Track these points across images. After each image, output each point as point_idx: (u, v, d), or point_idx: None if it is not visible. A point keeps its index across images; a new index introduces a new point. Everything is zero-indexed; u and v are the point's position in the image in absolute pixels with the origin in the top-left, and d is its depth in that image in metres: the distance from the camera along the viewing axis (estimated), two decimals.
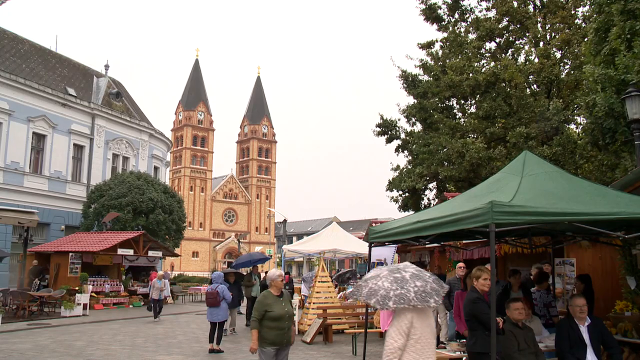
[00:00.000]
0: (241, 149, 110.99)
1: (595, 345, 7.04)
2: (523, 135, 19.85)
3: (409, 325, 5.06)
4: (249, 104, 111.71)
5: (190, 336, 16.43)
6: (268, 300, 7.35)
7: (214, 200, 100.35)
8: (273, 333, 7.19)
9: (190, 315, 24.11)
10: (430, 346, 5.16)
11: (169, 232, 34.21)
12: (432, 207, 11.64)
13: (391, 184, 24.52)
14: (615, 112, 13.32)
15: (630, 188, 8.49)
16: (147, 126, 42.00)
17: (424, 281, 5.18)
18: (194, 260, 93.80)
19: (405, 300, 4.98)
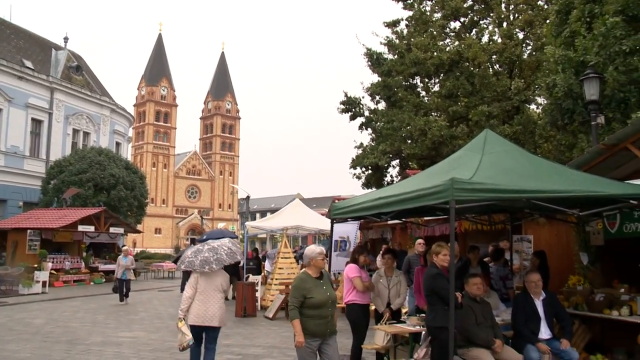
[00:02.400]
0: (205, 125, 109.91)
1: (548, 318, 7.28)
2: (485, 114, 20.13)
3: (196, 282, 7.49)
4: (213, 80, 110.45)
5: (152, 312, 16.37)
6: (307, 284, 6.10)
7: (177, 177, 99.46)
8: (313, 322, 5.99)
9: (153, 292, 24.03)
10: (212, 298, 7.50)
11: (130, 209, 33.83)
12: (394, 184, 11.77)
13: (355, 161, 24.66)
14: (574, 93, 13.59)
15: (585, 167, 8.70)
16: (108, 101, 41.21)
17: (215, 253, 7.59)
18: (156, 237, 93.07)
19: (191, 265, 7.52)
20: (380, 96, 24.99)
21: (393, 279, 8.17)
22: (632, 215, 8.72)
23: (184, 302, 7.41)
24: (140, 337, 11.89)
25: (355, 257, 8.24)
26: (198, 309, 7.40)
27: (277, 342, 11.16)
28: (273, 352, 10.16)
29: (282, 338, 11.67)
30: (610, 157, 8.73)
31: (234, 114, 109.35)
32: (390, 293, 8.10)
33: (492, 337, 6.72)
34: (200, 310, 7.39)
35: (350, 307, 7.95)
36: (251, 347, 10.60)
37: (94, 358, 9.61)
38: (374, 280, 8.08)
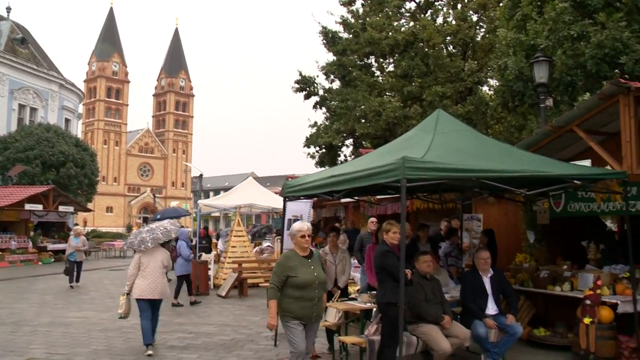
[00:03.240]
0: (158, 102, 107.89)
1: (495, 294, 7.48)
2: (439, 95, 20.33)
3: (138, 260, 8.28)
4: (167, 57, 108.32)
5: (103, 292, 16.13)
6: (291, 262, 5.70)
7: (129, 155, 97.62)
8: (298, 305, 5.62)
9: (104, 272, 23.67)
10: (154, 273, 8.25)
11: (81, 187, 33.12)
12: (346, 163, 11.82)
13: (308, 140, 24.66)
14: (524, 75, 13.85)
15: (534, 148, 8.91)
16: (56, 76, 40.00)
17: (151, 233, 8.42)
18: (108, 216, 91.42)
19: (132, 245, 8.55)
20: (334, 75, 24.97)
21: (338, 255, 8.26)
22: (576, 195, 8.99)
23: (129, 279, 8.31)
24: (91, 317, 11.71)
25: None
26: (141, 284, 8.22)
27: (230, 320, 11.16)
28: (225, 329, 10.16)
29: (235, 316, 11.68)
30: (557, 139, 8.96)
31: (187, 91, 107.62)
32: (337, 269, 8.17)
33: (441, 313, 6.86)
34: (143, 285, 8.21)
35: None
36: (204, 326, 10.58)
37: (41, 339, 9.39)
38: (320, 256, 8.14)
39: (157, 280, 8.34)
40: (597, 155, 8.19)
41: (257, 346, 8.81)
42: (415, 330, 6.78)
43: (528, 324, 8.67)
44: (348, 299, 7.95)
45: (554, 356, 7.89)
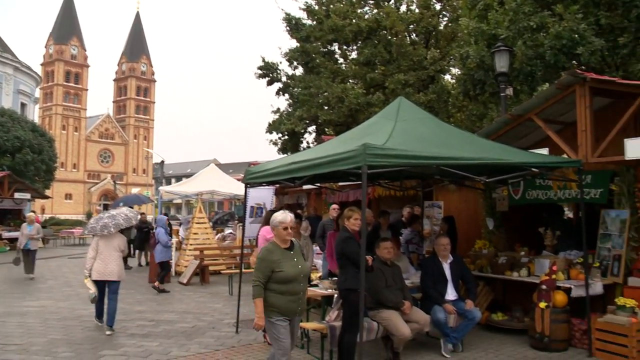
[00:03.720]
0: (118, 87, 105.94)
1: (455, 280, 7.61)
2: (401, 83, 20.42)
3: (96, 245, 8.85)
4: (127, 41, 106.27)
5: (62, 280, 15.83)
6: (274, 256, 5.34)
7: (89, 141, 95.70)
8: (283, 300, 5.29)
9: (62, 259, 23.19)
10: (111, 257, 8.84)
11: (38, 173, 32.39)
12: (308, 149, 11.81)
13: (271, 126, 24.55)
14: (485, 64, 14.01)
15: (493, 136, 9.05)
16: (11, 58, 38.90)
17: (113, 219, 9.02)
18: (67, 203, 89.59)
19: (94, 230, 9.00)
20: (298, 62, 24.87)
21: (301, 242, 8.22)
22: (534, 183, 9.17)
23: (87, 262, 8.88)
24: (48, 306, 11.48)
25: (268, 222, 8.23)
26: (99, 266, 8.80)
27: (191, 308, 11.09)
28: (187, 317, 10.09)
29: (196, 303, 11.61)
30: (516, 127, 9.12)
31: (149, 76, 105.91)
32: None
33: (402, 299, 6.95)
34: (100, 268, 8.79)
35: None
36: (165, 313, 10.49)
37: None
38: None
39: (114, 263, 8.90)
40: (554, 144, 8.36)
41: (218, 333, 8.79)
42: (376, 316, 6.85)
43: (486, 309, 8.84)
44: (310, 286, 7.97)
45: (511, 340, 8.06)
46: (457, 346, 7.45)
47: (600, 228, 8.26)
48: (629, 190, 7.88)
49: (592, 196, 8.39)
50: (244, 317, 9.55)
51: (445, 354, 7.24)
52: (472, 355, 7.30)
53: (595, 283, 7.66)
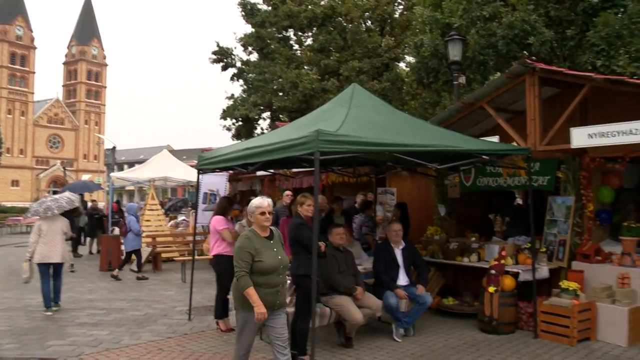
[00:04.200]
0: (68, 71, 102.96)
1: (407, 265, 7.71)
2: (355, 69, 20.49)
3: (39, 228, 9.09)
4: (78, 23, 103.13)
5: (8, 270, 15.43)
6: (255, 244, 5.01)
7: (37, 125, 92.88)
8: (260, 292, 4.92)
9: (9, 248, 22.56)
10: (54, 239, 9.11)
11: None
12: (262, 135, 11.76)
13: (225, 112, 24.38)
14: (439, 53, 14.17)
15: (446, 123, 9.16)
16: None
17: (56, 202, 9.31)
18: (13, 190, 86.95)
19: (37, 213, 9.26)
20: (252, 47, 24.73)
21: None
22: (485, 170, 9.34)
23: (30, 246, 9.09)
24: None
25: (222, 209, 8.18)
26: (42, 249, 9.04)
27: (143, 295, 10.94)
28: (139, 305, 9.96)
29: (149, 291, 11.47)
30: (468, 115, 9.26)
31: (100, 60, 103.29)
32: None
33: (354, 284, 7.00)
34: (44, 251, 9.04)
35: (219, 259, 7.93)
36: (116, 301, 10.32)
37: None
38: (237, 230, 8.09)
39: (57, 245, 9.17)
40: (504, 132, 8.53)
41: (170, 320, 8.70)
42: (329, 301, 6.89)
43: (438, 294, 9.00)
44: None
45: (461, 323, 8.21)
46: (409, 330, 7.56)
47: (547, 214, 8.49)
48: (574, 177, 8.11)
49: (540, 183, 8.60)
50: (196, 304, 9.50)
51: (397, 339, 7.34)
52: (423, 339, 7.41)
53: (541, 267, 7.88)
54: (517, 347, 7.02)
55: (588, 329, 7.25)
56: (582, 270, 7.72)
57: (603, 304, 7.27)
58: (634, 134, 6.84)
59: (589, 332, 7.26)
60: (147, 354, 6.84)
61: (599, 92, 7.94)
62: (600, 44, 10.97)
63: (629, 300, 7.19)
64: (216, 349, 7.07)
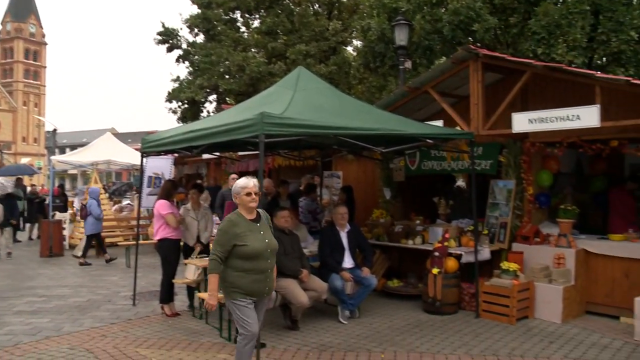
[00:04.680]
0: (3, 49, 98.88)
1: (352, 248, 7.77)
2: (303, 53, 20.43)
3: None
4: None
5: None
6: (238, 228, 4.79)
7: None
8: (247, 279, 4.75)
9: None
10: None
11: None
12: (206, 118, 11.62)
13: (171, 94, 23.97)
14: (386, 37, 14.23)
15: (391, 107, 9.23)
16: None
17: None
18: None
19: None
20: (199, 29, 24.32)
21: (200, 212, 8.13)
22: (429, 154, 9.48)
23: None
24: None
25: (166, 192, 8.05)
26: None
27: (86, 281, 10.70)
28: (81, 291, 9.74)
29: (91, 277, 11.22)
30: (413, 99, 9.34)
31: (39, 38, 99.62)
32: (199, 225, 8.07)
33: (300, 267, 7.02)
34: None
35: (163, 243, 7.82)
36: (57, 288, 10.06)
37: None
38: (182, 214, 7.99)
39: None
40: (449, 116, 8.65)
41: (114, 306, 8.55)
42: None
43: (383, 276, 9.12)
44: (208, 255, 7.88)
45: (406, 305, 8.36)
46: (354, 312, 7.64)
47: (489, 197, 8.69)
48: (515, 161, 8.33)
49: (483, 167, 8.79)
50: (141, 289, 9.38)
51: (342, 321, 7.41)
52: (369, 321, 7.51)
53: (483, 249, 8.08)
54: (460, 327, 7.19)
55: (527, 307, 7.51)
56: (521, 251, 7.96)
57: (541, 283, 7.54)
58: (570, 120, 7.06)
59: (527, 311, 7.52)
60: (89, 340, 6.71)
61: (539, 79, 8.13)
62: (541, 33, 11.23)
63: (564, 280, 7.48)
64: (161, 333, 7.00)
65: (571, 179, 9.40)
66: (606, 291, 7.57)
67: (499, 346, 6.39)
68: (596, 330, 7.01)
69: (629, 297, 6.96)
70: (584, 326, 7.19)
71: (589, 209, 9.66)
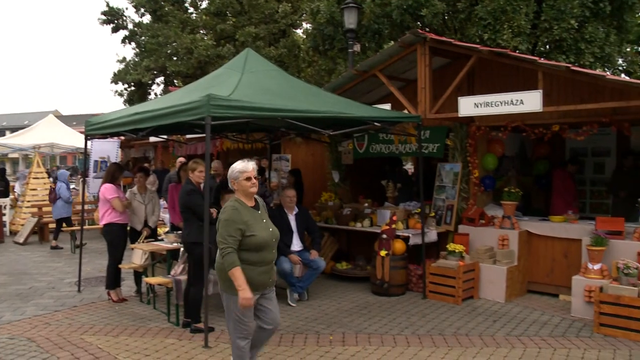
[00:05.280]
0: None
1: (300, 231, 7.80)
2: (252, 35, 20.22)
3: None
4: None
5: None
6: (243, 216, 4.32)
7: None
8: (255, 272, 4.31)
9: None
10: None
11: None
12: (152, 100, 11.41)
13: (116, 76, 23.42)
14: (335, 20, 14.20)
15: (340, 90, 9.25)
16: None
17: None
18: None
19: None
20: (145, 9, 23.75)
21: (147, 195, 8.01)
22: (378, 137, 9.54)
23: None
24: None
25: (112, 176, 7.87)
26: None
27: (29, 268, 10.41)
28: (23, 278, 9.47)
29: (34, 263, 10.92)
30: (362, 83, 9.38)
31: None
32: (146, 209, 7.95)
33: None
34: None
35: (109, 228, 7.67)
36: None
37: None
38: (128, 198, 7.85)
39: None
40: (397, 100, 8.72)
41: (58, 293, 8.35)
42: None
43: (331, 259, 9.19)
44: (155, 240, 7.79)
45: (354, 287, 8.44)
46: (303, 295, 7.68)
47: (436, 180, 8.82)
48: (462, 145, 8.46)
49: (430, 150, 8.90)
50: (87, 275, 9.21)
51: (291, 303, 7.44)
52: (317, 303, 7.56)
53: (430, 231, 8.21)
54: (407, 308, 7.31)
55: (472, 288, 7.69)
56: (467, 233, 8.13)
57: (485, 264, 7.72)
58: (514, 105, 7.21)
59: (473, 291, 7.70)
60: (31, 329, 6.53)
61: (485, 64, 8.27)
62: (487, 18, 11.39)
63: (507, 260, 7.68)
64: (108, 320, 6.88)
65: (515, 162, 9.63)
66: (547, 271, 7.82)
67: (444, 326, 6.53)
68: (537, 308, 7.24)
69: (568, 276, 7.22)
70: (525, 304, 7.42)
71: (532, 191, 9.95)
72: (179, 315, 6.63)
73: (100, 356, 5.58)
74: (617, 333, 6.07)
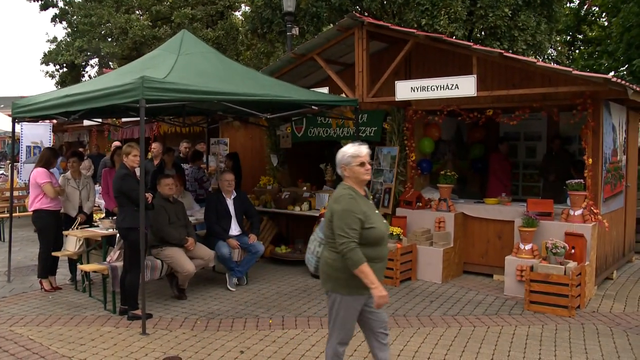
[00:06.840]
0: None
1: (239, 215, 7.76)
2: (189, 17, 19.87)
3: None
4: None
5: None
6: (362, 206, 3.73)
7: None
8: (374, 267, 3.66)
9: None
10: None
11: None
12: (85, 82, 11.08)
13: (47, 57, 22.55)
14: (273, 3, 14.14)
15: (277, 74, 9.19)
16: None
17: None
18: None
19: None
20: None
21: (82, 181, 7.78)
22: (316, 121, 9.57)
23: None
24: None
25: (45, 161, 7.60)
26: None
27: None
28: None
29: None
30: (300, 66, 9.35)
31: None
32: (81, 195, 7.72)
33: (185, 235, 6.92)
34: None
35: (39, 214, 7.42)
36: None
37: None
38: (61, 183, 7.61)
39: None
40: (334, 83, 8.73)
41: None
42: (159, 253, 6.76)
43: (271, 243, 9.19)
44: (90, 226, 7.58)
45: (294, 270, 8.48)
46: (242, 279, 7.67)
47: (374, 164, 8.91)
48: (399, 129, 8.58)
49: (368, 134, 8.98)
50: (18, 265, 8.89)
51: (230, 288, 7.41)
52: (257, 287, 7.56)
53: None
54: None
55: (409, 269, 7.83)
56: (405, 216, 8.26)
57: (422, 246, 7.88)
58: (450, 89, 7.34)
59: (411, 273, 7.86)
60: None
61: (422, 49, 8.37)
62: (425, 4, 11.56)
63: (444, 242, 7.87)
64: (40, 309, 6.66)
65: (451, 146, 9.83)
66: (481, 252, 8.06)
67: (383, 307, 6.61)
68: (472, 288, 7.46)
69: (501, 256, 7.45)
70: (461, 285, 7.64)
71: (468, 174, 10.20)
72: (115, 302, 6.51)
73: (32, 347, 5.41)
74: (546, 309, 6.33)
